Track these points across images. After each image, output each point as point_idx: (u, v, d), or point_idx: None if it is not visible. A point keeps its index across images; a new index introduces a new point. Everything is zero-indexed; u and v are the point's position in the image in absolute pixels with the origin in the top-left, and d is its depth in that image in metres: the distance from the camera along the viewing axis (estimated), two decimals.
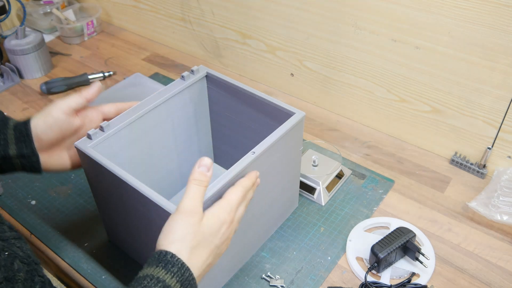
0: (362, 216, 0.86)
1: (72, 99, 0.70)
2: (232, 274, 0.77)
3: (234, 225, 0.60)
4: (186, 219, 0.55)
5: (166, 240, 0.54)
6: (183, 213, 0.56)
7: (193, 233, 0.55)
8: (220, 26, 1.20)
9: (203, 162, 0.59)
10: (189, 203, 0.57)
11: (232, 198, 0.60)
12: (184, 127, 0.84)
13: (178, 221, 0.55)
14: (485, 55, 0.82)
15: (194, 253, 0.54)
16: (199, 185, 0.58)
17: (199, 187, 0.58)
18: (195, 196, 0.57)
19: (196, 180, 0.58)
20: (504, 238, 0.82)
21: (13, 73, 1.23)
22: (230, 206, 0.59)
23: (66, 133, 0.70)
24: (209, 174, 0.59)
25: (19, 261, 0.52)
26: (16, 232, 0.57)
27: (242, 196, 0.61)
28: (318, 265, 0.79)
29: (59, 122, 0.68)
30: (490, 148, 0.90)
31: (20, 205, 0.90)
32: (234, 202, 0.60)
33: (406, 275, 0.77)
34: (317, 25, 1.00)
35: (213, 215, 0.58)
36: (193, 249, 0.54)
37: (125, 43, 1.40)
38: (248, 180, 0.63)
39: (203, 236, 0.56)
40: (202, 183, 0.58)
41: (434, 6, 0.82)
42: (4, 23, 1.38)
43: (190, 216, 0.56)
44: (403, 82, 0.95)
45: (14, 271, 0.51)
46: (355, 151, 1.01)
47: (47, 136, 0.68)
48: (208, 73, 0.82)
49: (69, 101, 0.69)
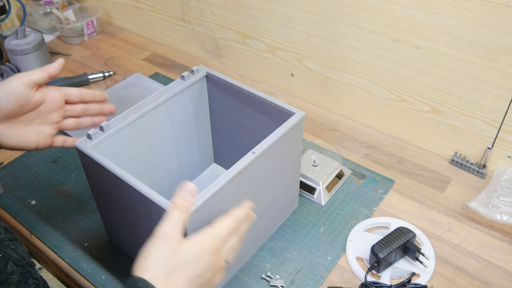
0: (362, 216, 0.86)
1: (34, 72, 0.69)
2: (232, 274, 0.77)
3: (221, 256, 0.56)
4: (162, 244, 0.53)
5: (141, 266, 0.52)
6: (160, 238, 0.53)
7: (169, 259, 0.52)
8: (220, 26, 1.20)
9: (186, 187, 0.56)
10: (166, 228, 0.54)
11: (221, 226, 0.56)
12: (184, 127, 0.84)
13: (153, 246, 0.53)
14: (485, 55, 0.82)
15: (169, 280, 0.51)
16: (180, 211, 0.55)
17: (179, 212, 0.55)
18: (174, 221, 0.54)
19: (177, 205, 0.55)
20: (504, 238, 0.82)
21: (13, 73, 1.23)
22: (216, 234, 0.56)
23: (24, 105, 0.68)
24: (191, 200, 0.56)
25: (12, 263, 0.52)
26: (11, 233, 0.56)
27: (234, 226, 0.57)
28: (318, 265, 0.79)
29: (17, 92, 0.67)
30: (490, 148, 0.90)
31: (20, 205, 0.90)
32: (223, 231, 0.56)
33: (406, 275, 0.77)
34: (317, 25, 1.00)
35: (194, 242, 0.54)
36: (169, 276, 0.51)
37: (125, 43, 1.40)
38: (241, 211, 0.59)
39: (180, 262, 0.52)
40: (183, 208, 0.55)
41: (434, 6, 0.82)
42: (4, 23, 1.38)
43: (166, 240, 0.53)
44: (403, 82, 0.95)
45: (7, 274, 0.50)
46: (355, 151, 1.01)
47: (2, 105, 0.66)
48: (208, 73, 0.82)
49: (31, 74, 0.69)
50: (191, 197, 0.56)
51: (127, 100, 1.13)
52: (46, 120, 0.73)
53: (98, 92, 0.77)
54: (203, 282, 0.54)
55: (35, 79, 0.69)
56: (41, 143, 0.72)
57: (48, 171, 0.97)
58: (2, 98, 0.66)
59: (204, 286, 0.55)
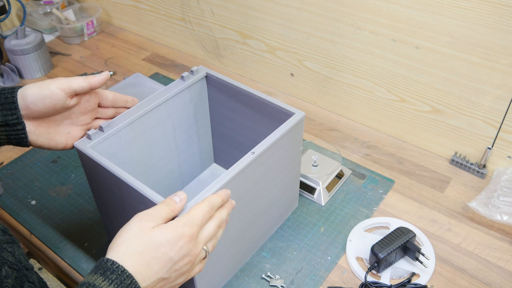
0: (362, 216, 0.86)
1: (76, 82, 0.66)
2: (232, 274, 0.77)
3: (199, 243, 0.55)
4: (138, 223, 0.52)
5: (112, 243, 0.52)
6: (136, 217, 0.53)
7: (140, 238, 0.51)
8: (220, 26, 1.20)
9: (178, 193, 0.57)
10: (147, 211, 0.54)
11: (195, 212, 0.55)
12: (184, 127, 0.84)
13: (129, 224, 0.53)
14: (485, 55, 0.82)
15: (139, 261, 0.50)
16: (166, 206, 0.55)
17: (165, 207, 0.55)
18: (157, 209, 0.54)
19: (165, 202, 0.56)
20: (504, 238, 0.82)
21: (13, 73, 1.23)
22: (191, 220, 0.55)
23: (58, 109, 0.66)
24: (179, 204, 0.56)
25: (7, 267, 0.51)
26: (10, 235, 0.56)
27: (208, 211, 0.56)
28: (318, 265, 0.79)
29: (55, 98, 0.65)
30: (490, 148, 0.90)
31: (20, 205, 0.90)
32: (197, 217, 0.55)
33: (406, 275, 0.77)
34: (317, 25, 1.00)
35: (169, 226, 0.53)
36: (139, 256, 0.51)
37: (125, 43, 1.41)
38: (216, 197, 0.58)
39: (152, 243, 0.51)
40: (170, 206, 0.55)
41: (434, 6, 0.82)
42: (4, 23, 1.38)
43: (141, 221, 0.53)
44: (403, 82, 0.95)
45: (1, 278, 0.50)
46: (355, 151, 1.01)
47: (37, 107, 0.64)
48: (208, 73, 0.82)
49: (73, 82, 0.66)
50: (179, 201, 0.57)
51: None
52: (77, 121, 0.70)
53: (130, 98, 0.75)
54: (179, 270, 0.53)
55: (76, 88, 0.66)
56: (69, 143, 0.70)
57: (48, 171, 0.97)
58: (37, 100, 0.64)
59: (181, 275, 0.54)
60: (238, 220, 0.70)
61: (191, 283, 0.67)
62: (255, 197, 0.72)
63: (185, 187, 0.92)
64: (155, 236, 0.52)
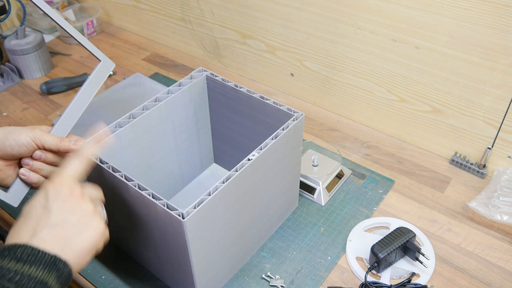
0: (362, 216, 0.86)
1: (49, 139, 0.64)
2: (232, 274, 0.77)
3: (84, 198, 0.57)
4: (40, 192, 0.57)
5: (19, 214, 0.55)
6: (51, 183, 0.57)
7: (36, 209, 0.55)
8: (220, 26, 1.20)
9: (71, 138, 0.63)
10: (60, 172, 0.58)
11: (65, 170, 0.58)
12: (184, 127, 0.84)
13: (36, 194, 0.57)
14: (485, 55, 0.82)
15: (36, 231, 0.52)
16: (78, 159, 0.59)
17: (77, 161, 0.59)
18: (68, 170, 0.58)
19: (78, 153, 0.60)
20: (504, 238, 0.82)
21: (13, 73, 1.23)
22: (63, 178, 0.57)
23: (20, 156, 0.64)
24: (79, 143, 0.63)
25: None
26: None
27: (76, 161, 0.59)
28: (318, 265, 0.79)
29: (23, 149, 0.63)
30: (490, 148, 0.90)
31: (20, 205, 0.90)
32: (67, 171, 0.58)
33: (406, 275, 0.77)
34: (317, 25, 1.00)
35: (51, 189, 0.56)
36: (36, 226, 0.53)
37: (125, 43, 1.41)
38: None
39: (41, 212, 0.54)
40: (81, 156, 0.60)
41: (434, 6, 0.82)
42: (4, 23, 1.38)
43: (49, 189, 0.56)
44: (403, 82, 0.95)
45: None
46: (355, 151, 1.01)
47: (5, 150, 0.63)
48: (208, 74, 0.82)
49: (46, 139, 0.64)
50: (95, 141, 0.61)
51: (127, 100, 1.13)
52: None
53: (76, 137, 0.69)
54: (74, 227, 0.55)
55: (48, 145, 0.64)
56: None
57: None
58: (5, 145, 0.62)
59: (79, 232, 0.55)
60: (238, 220, 0.70)
61: (191, 283, 0.67)
62: (255, 197, 0.72)
63: (185, 187, 0.92)
64: (47, 204, 0.55)
